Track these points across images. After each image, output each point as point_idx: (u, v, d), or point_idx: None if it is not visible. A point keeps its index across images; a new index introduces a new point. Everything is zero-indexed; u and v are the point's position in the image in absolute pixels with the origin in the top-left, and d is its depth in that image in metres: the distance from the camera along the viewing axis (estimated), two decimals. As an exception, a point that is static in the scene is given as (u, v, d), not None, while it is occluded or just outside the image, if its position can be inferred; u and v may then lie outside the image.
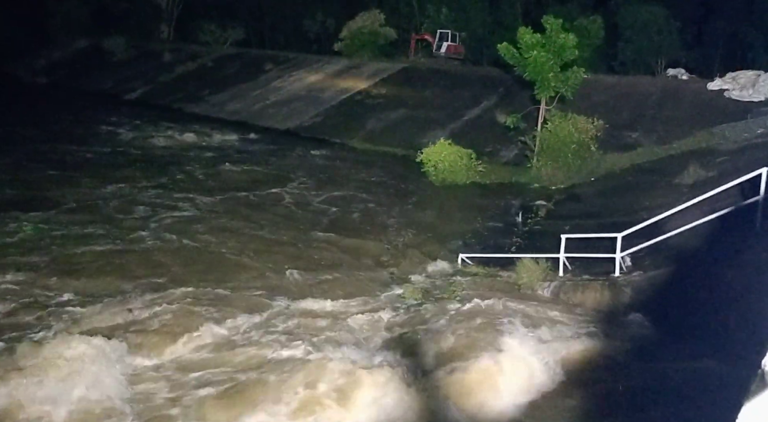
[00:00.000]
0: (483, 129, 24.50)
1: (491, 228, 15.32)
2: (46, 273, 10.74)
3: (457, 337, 8.49)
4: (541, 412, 7.17)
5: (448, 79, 30.38)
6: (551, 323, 8.98)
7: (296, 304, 9.89)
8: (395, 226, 15.38)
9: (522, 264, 11.38)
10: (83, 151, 21.70)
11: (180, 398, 7.07)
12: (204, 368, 7.72)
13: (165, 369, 7.74)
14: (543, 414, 7.17)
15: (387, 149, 24.95)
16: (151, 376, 7.55)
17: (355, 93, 31.13)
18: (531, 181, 19.65)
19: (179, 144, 24.23)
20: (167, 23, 48.46)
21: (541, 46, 19.14)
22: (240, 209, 15.62)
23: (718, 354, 7.25)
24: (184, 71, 40.03)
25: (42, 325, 8.75)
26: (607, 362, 8.01)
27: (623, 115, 22.98)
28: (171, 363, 7.89)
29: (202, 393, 7.13)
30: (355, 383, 6.99)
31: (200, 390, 7.19)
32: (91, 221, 13.77)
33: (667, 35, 32.04)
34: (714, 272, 9.22)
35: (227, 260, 12.04)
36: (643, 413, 6.96)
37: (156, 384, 7.39)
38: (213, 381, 7.41)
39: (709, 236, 10.48)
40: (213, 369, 7.68)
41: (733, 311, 7.79)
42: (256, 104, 32.67)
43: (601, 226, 13.05)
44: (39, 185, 16.48)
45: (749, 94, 21.76)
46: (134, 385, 7.29)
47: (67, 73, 43.67)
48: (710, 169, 16.09)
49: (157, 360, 7.91)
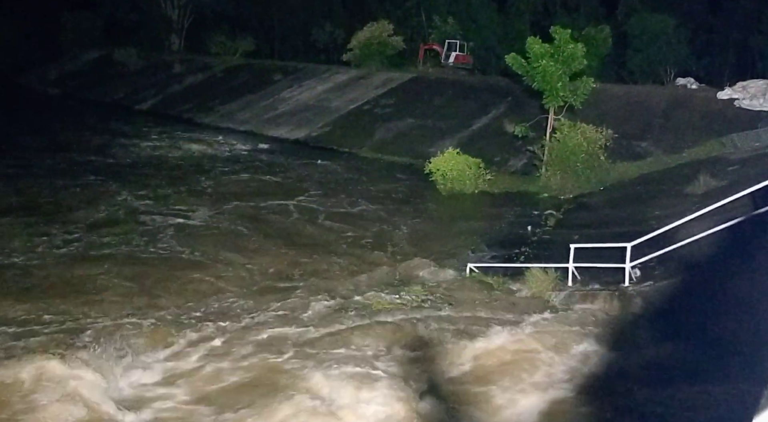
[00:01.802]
0: (491, 138, 24.48)
1: (499, 237, 15.25)
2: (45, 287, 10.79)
3: (464, 349, 8.43)
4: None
5: (457, 89, 30.43)
6: (559, 333, 8.90)
7: (298, 313, 9.83)
8: (403, 235, 15.35)
9: (531, 274, 11.32)
10: (92, 160, 21.91)
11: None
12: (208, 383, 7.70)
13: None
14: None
15: (395, 158, 24.99)
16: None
17: (363, 103, 31.24)
18: (540, 190, 19.58)
19: (188, 154, 24.40)
20: (177, 35, 48.93)
21: (550, 55, 19.14)
22: (247, 219, 15.66)
23: (729, 368, 7.15)
24: (194, 82, 40.36)
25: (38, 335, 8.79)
26: (615, 375, 7.92)
27: (632, 124, 22.89)
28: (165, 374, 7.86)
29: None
30: (360, 398, 6.94)
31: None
32: (94, 230, 13.86)
33: (676, 45, 31.99)
34: (725, 282, 9.12)
35: (230, 269, 12.02)
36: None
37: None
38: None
39: (720, 246, 10.38)
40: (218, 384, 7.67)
41: (745, 323, 7.69)
42: (265, 114, 32.86)
43: (611, 236, 12.96)
44: (42, 194, 16.63)
45: (760, 103, 21.63)
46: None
47: (78, 84, 44.15)
48: (721, 178, 15.96)
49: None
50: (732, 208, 10.99)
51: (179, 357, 8.25)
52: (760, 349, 6.25)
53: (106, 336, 8.49)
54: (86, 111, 35.29)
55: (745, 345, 7.18)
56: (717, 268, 9.93)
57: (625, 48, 33.12)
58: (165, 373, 7.88)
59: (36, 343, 8.38)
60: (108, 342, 8.23)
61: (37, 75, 46.54)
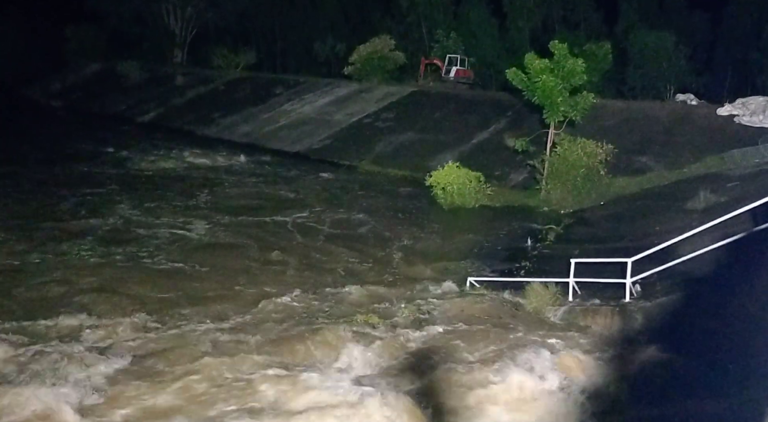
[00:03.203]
0: (492, 152, 24.53)
1: (500, 251, 15.21)
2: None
3: (463, 363, 8.37)
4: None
5: (457, 103, 30.56)
6: (559, 349, 8.83)
7: (296, 329, 9.74)
8: (403, 249, 15.31)
9: (531, 288, 11.26)
10: (90, 172, 21.92)
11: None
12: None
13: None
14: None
15: (396, 171, 25.03)
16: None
17: (364, 116, 31.36)
18: (540, 204, 19.58)
19: (189, 166, 24.43)
20: (180, 48, 49.32)
21: (549, 71, 19.24)
22: (247, 232, 15.56)
23: (729, 386, 7.08)
24: (196, 95, 40.58)
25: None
26: (615, 392, 7.85)
27: (632, 139, 22.94)
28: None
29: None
30: (363, 413, 6.87)
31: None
32: (91, 241, 13.81)
33: (676, 61, 32.17)
34: (726, 299, 9.07)
35: (228, 285, 11.89)
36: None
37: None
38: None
39: (721, 262, 10.34)
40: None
41: (746, 340, 7.63)
42: (266, 127, 32.99)
43: (611, 251, 12.92)
44: (44, 206, 16.61)
45: (760, 119, 21.69)
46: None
47: (81, 96, 44.39)
48: (721, 194, 15.96)
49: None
50: (732, 224, 10.96)
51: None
52: (761, 367, 6.19)
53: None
54: (88, 123, 35.41)
55: (745, 362, 7.12)
56: (718, 284, 9.88)
57: (626, 64, 33.31)
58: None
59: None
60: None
61: (41, 87, 46.85)
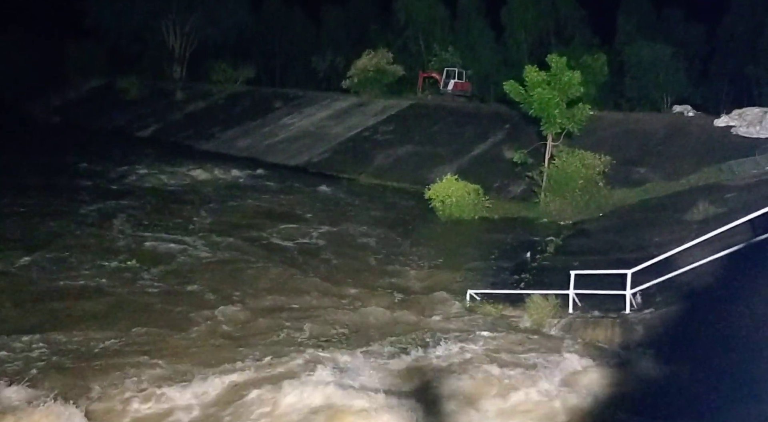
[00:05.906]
0: (490, 165, 24.58)
1: (499, 264, 15.18)
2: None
3: (463, 377, 8.32)
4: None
5: (455, 116, 30.68)
6: (560, 362, 8.79)
7: (292, 347, 9.68)
8: (402, 261, 15.28)
9: (531, 301, 11.24)
10: (89, 186, 21.90)
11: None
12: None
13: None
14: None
15: (395, 184, 25.06)
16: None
17: (363, 130, 31.46)
18: (539, 216, 19.59)
19: (188, 180, 24.42)
20: (179, 63, 49.54)
21: (547, 83, 19.37)
22: (246, 248, 15.43)
23: (730, 397, 7.05)
24: (195, 109, 40.74)
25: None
26: (616, 403, 7.81)
27: (630, 151, 23.01)
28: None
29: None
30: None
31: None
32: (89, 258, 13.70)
33: (673, 73, 32.37)
34: (726, 309, 9.05)
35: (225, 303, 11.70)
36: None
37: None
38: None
39: (720, 272, 10.33)
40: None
41: (745, 351, 7.61)
42: (265, 141, 33.07)
43: (611, 262, 12.90)
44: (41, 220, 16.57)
45: (756, 131, 21.78)
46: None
47: (81, 112, 44.50)
48: (719, 205, 15.98)
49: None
50: (731, 235, 10.97)
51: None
52: (761, 377, 6.17)
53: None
54: (87, 138, 35.48)
55: (745, 373, 7.09)
56: (717, 295, 9.86)
57: (623, 76, 33.52)
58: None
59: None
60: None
61: (41, 103, 46.97)
